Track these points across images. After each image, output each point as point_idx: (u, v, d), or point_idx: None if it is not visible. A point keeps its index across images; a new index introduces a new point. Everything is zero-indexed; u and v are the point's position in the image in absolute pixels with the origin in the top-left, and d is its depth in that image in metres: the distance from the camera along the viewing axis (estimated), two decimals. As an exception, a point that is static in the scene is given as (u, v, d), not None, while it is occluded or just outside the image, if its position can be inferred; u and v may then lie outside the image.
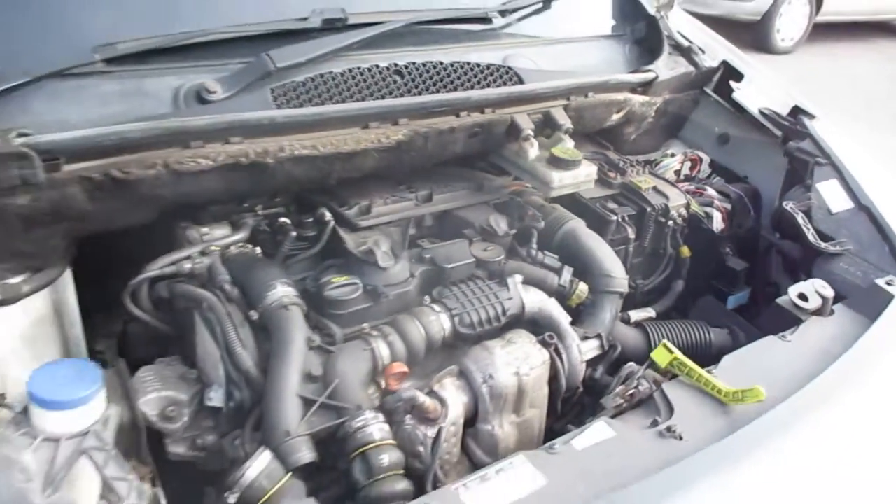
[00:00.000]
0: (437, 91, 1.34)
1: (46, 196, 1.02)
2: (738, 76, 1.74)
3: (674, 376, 1.03)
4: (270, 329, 1.08)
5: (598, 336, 1.25)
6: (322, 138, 1.17)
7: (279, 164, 1.14)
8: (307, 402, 1.02)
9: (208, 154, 1.08)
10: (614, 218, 1.45)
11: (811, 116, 1.61)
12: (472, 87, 1.37)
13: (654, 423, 0.94)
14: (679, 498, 0.81)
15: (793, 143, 1.59)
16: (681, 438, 0.91)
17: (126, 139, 1.03)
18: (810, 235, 1.38)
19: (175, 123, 1.06)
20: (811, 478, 0.89)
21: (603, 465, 0.86)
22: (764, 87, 1.73)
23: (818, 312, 1.20)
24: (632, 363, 1.12)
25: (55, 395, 0.76)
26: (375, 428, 1.01)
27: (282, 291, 1.09)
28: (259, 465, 0.92)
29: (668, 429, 0.92)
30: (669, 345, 1.04)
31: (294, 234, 1.23)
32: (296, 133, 1.15)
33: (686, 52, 1.77)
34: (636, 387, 1.00)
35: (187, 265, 1.12)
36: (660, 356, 1.03)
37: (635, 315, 1.42)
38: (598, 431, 0.91)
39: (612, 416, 0.97)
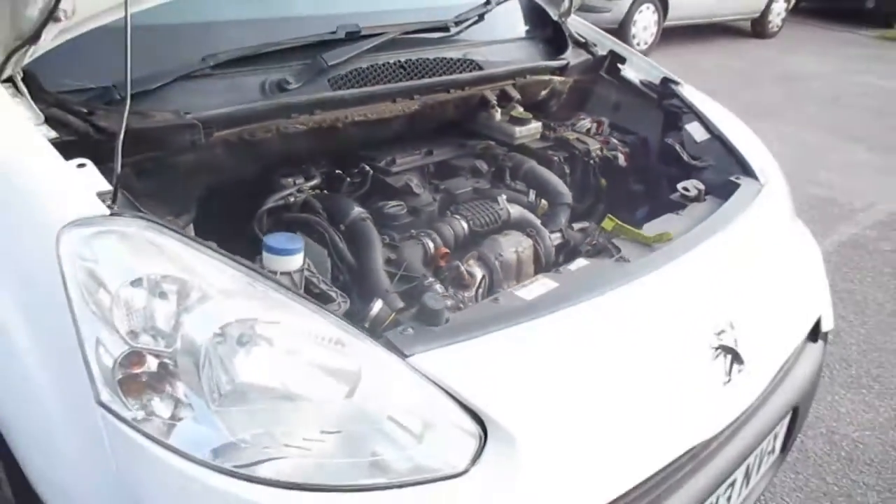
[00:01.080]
0: (430, 77, 1.92)
1: (202, 155, 1.51)
2: (622, 60, 2.43)
3: (615, 236, 1.65)
4: (356, 235, 1.61)
5: (560, 230, 1.86)
6: (369, 109, 1.73)
7: (345, 128, 1.68)
8: (391, 275, 1.57)
9: (303, 121, 1.62)
10: (555, 159, 2.08)
11: (676, 83, 2.31)
12: (452, 74, 1.97)
13: (611, 256, 1.55)
14: (630, 283, 1.43)
15: (666, 102, 2.28)
16: (628, 261, 1.53)
17: (254, 112, 1.55)
18: (685, 157, 2.06)
19: (284, 100, 1.59)
20: (696, 273, 1.54)
21: (587, 276, 1.46)
22: (641, 66, 2.42)
23: (696, 199, 1.87)
24: (591, 224, 1.74)
25: (285, 246, 1.28)
26: (438, 286, 1.56)
27: (359, 210, 1.64)
28: (377, 306, 1.45)
29: (620, 258, 1.54)
30: (612, 216, 1.66)
31: (348, 180, 1.77)
32: (352, 107, 1.70)
33: (583, 45, 2.44)
34: (596, 240, 1.62)
35: (291, 199, 1.64)
36: (606, 223, 1.65)
37: (576, 226, 2.05)
38: (580, 263, 1.51)
39: (585, 257, 1.58)
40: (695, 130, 2.15)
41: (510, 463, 1.11)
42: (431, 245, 1.66)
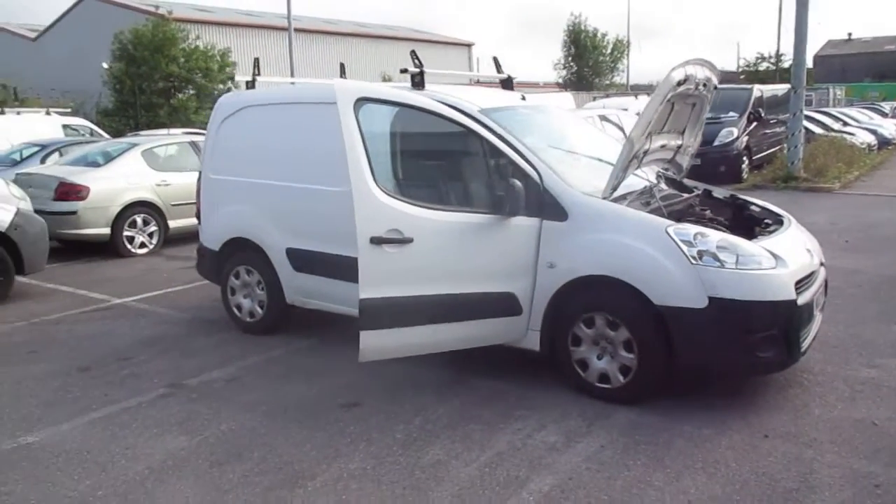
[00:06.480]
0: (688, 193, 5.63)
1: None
2: (711, 191, 6.24)
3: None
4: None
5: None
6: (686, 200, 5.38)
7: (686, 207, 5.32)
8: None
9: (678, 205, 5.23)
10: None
11: (735, 195, 6.12)
12: (689, 193, 5.68)
13: (768, 234, 5.21)
14: (781, 235, 5.11)
15: (736, 202, 6.06)
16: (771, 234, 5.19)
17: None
18: (756, 215, 5.81)
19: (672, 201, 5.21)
20: (792, 235, 5.28)
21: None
22: (720, 192, 6.23)
23: (772, 225, 5.61)
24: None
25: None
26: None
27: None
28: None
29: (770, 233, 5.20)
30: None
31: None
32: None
33: (694, 187, 6.24)
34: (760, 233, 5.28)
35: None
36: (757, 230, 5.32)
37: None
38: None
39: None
40: (755, 208, 5.94)
41: (783, 263, 4.65)
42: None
